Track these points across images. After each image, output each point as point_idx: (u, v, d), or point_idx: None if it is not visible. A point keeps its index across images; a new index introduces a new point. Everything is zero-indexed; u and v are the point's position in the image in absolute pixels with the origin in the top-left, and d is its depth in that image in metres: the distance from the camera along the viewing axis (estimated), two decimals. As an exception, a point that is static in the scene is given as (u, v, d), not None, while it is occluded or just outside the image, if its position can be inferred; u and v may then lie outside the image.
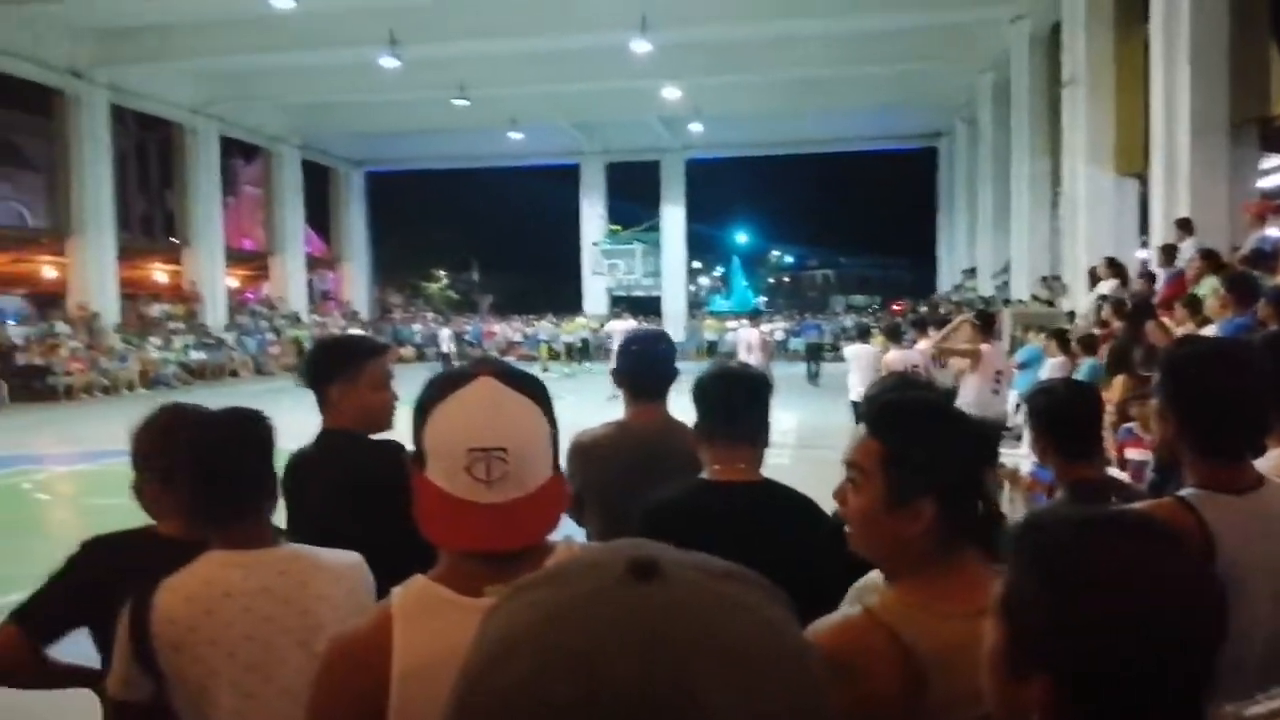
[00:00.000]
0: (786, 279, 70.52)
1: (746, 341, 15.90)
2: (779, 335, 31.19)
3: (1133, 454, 5.22)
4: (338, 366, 2.48)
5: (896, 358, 8.85)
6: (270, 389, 20.75)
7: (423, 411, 1.27)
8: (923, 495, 1.32)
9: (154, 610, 1.64)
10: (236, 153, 33.80)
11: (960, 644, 1.24)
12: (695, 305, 46.78)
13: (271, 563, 1.72)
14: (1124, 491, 2.40)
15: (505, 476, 1.22)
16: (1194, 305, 7.36)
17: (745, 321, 19.80)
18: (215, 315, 25.63)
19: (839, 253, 66.98)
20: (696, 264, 55.93)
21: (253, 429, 1.82)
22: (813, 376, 22.27)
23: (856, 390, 9.63)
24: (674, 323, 32.15)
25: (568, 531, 1.40)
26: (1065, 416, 2.44)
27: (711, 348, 28.18)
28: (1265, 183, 11.70)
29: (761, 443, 2.17)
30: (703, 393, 2.18)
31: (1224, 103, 10.44)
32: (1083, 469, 2.42)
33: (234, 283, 30.54)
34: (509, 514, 1.22)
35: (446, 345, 24.11)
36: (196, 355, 23.49)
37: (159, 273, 29.07)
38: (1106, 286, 10.88)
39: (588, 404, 10.29)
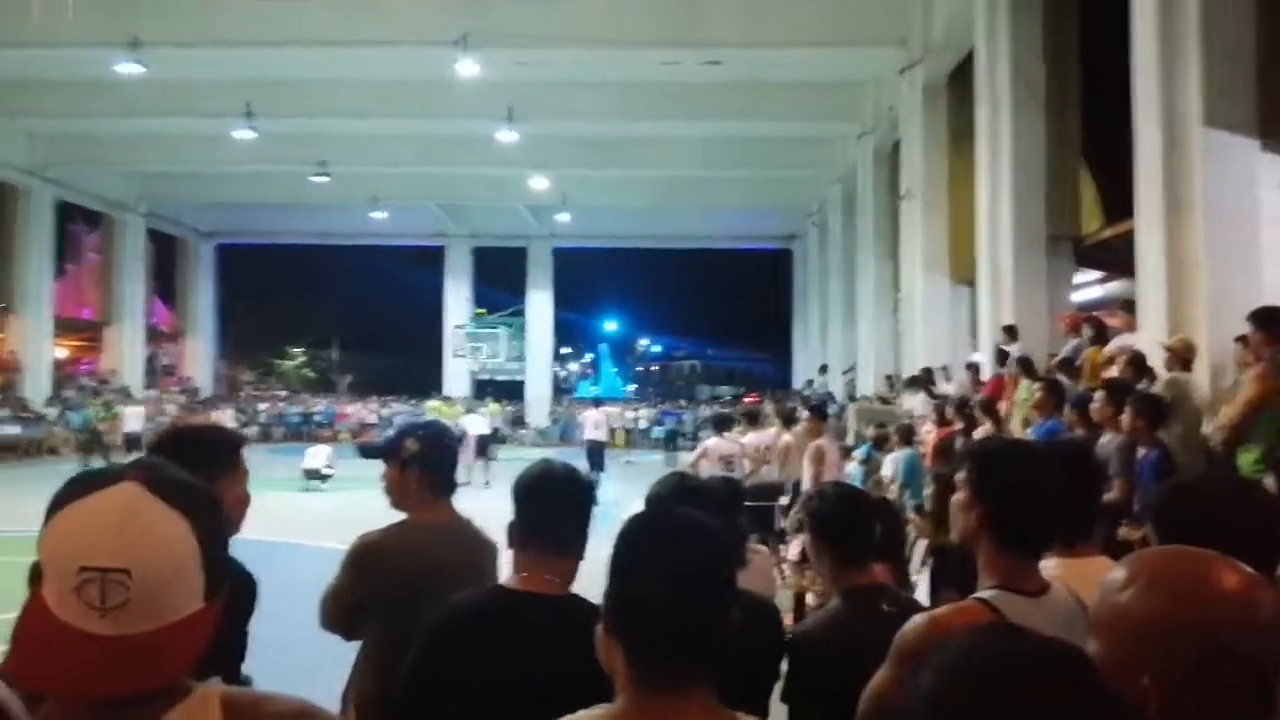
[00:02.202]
0: (655, 368, 71.53)
1: (594, 420, 18.72)
2: (642, 424, 31.44)
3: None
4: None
5: (715, 445, 9.50)
6: (83, 467, 19.17)
7: (48, 516, 1.06)
8: (607, 626, 1.32)
9: None
10: (80, 218, 32.05)
11: None
12: (564, 391, 46.69)
13: None
14: (895, 597, 2.37)
15: (125, 605, 1.00)
16: (989, 409, 7.79)
17: (591, 407, 22.24)
18: (37, 387, 23.76)
19: (706, 344, 68.56)
20: (566, 349, 56.19)
21: None
22: (670, 463, 23.54)
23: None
24: (538, 408, 31.91)
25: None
26: (837, 521, 2.42)
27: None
28: (1079, 295, 12.60)
29: (573, 554, 2.02)
30: (520, 494, 2.04)
31: (1041, 219, 11.22)
32: (854, 574, 2.38)
33: (63, 353, 28.52)
34: (123, 651, 1.00)
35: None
36: (11, 430, 21.56)
37: (-25, 340, 26.85)
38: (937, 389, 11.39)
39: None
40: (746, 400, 30.72)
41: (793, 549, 7.19)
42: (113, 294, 27.77)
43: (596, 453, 18.48)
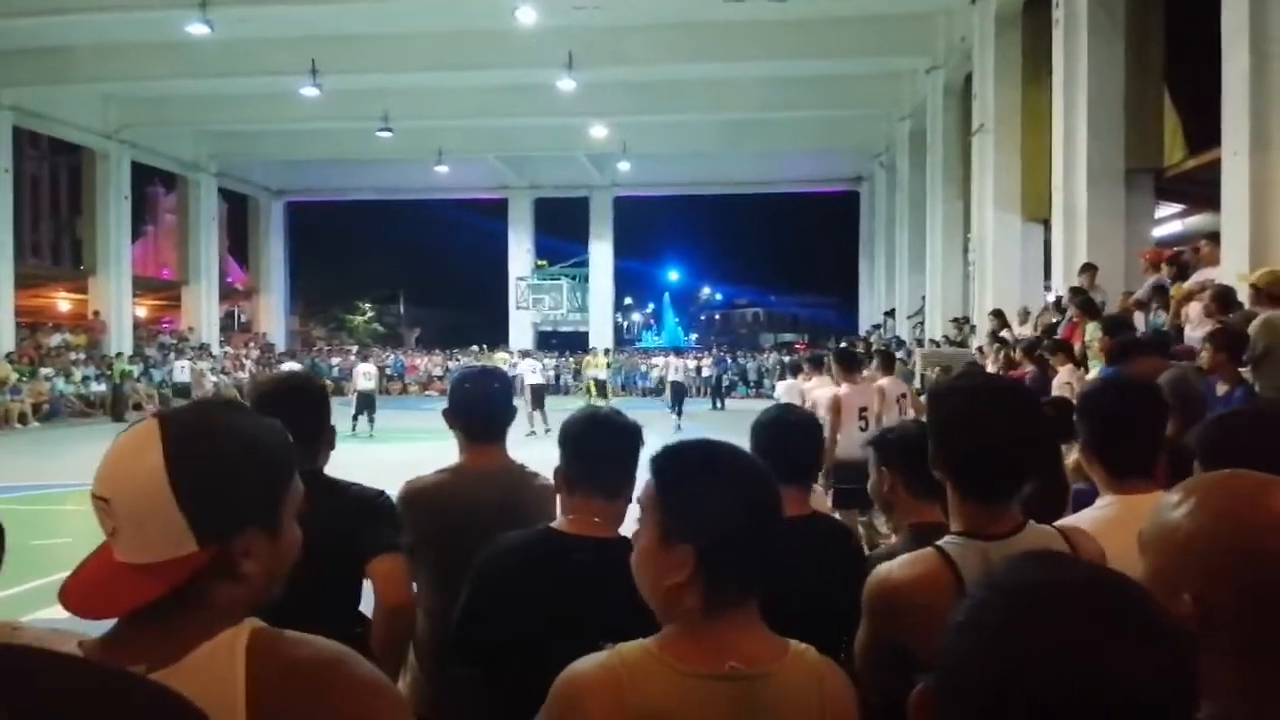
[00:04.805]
0: (717, 316, 71.21)
1: (675, 366, 21.90)
2: (706, 372, 31.41)
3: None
4: None
5: (784, 389, 9.86)
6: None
7: None
8: (686, 539, 1.32)
9: None
10: (157, 180, 33.00)
11: (689, 704, 1.25)
12: (627, 341, 46.87)
13: None
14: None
15: (116, 535, 1.06)
16: (1065, 351, 7.55)
17: (672, 355, 26.18)
18: (121, 345, 24.67)
19: (769, 291, 67.90)
20: (628, 300, 56.26)
21: None
22: (716, 407, 25.99)
23: None
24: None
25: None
26: (905, 451, 2.36)
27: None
28: (1159, 231, 12.11)
29: (622, 497, 2.02)
30: (568, 438, 2.05)
31: (1120, 152, 10.80)
32: (923, 510, 2.34)
33: (143, 312, 29.55)
34: (125, 577, 1.05)
35: (363, 383, 19.85)
36: (97, 387, 22.50)
37: (63, 301, 27.99)
38: (1004, 333, 11.12)
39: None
40: (797, 348, 30.51)
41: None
42: (189, 253, 28.49)
43: (679, 394, 21.00)
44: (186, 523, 1.06)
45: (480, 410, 2.72)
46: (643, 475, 1.89)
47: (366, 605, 2.27)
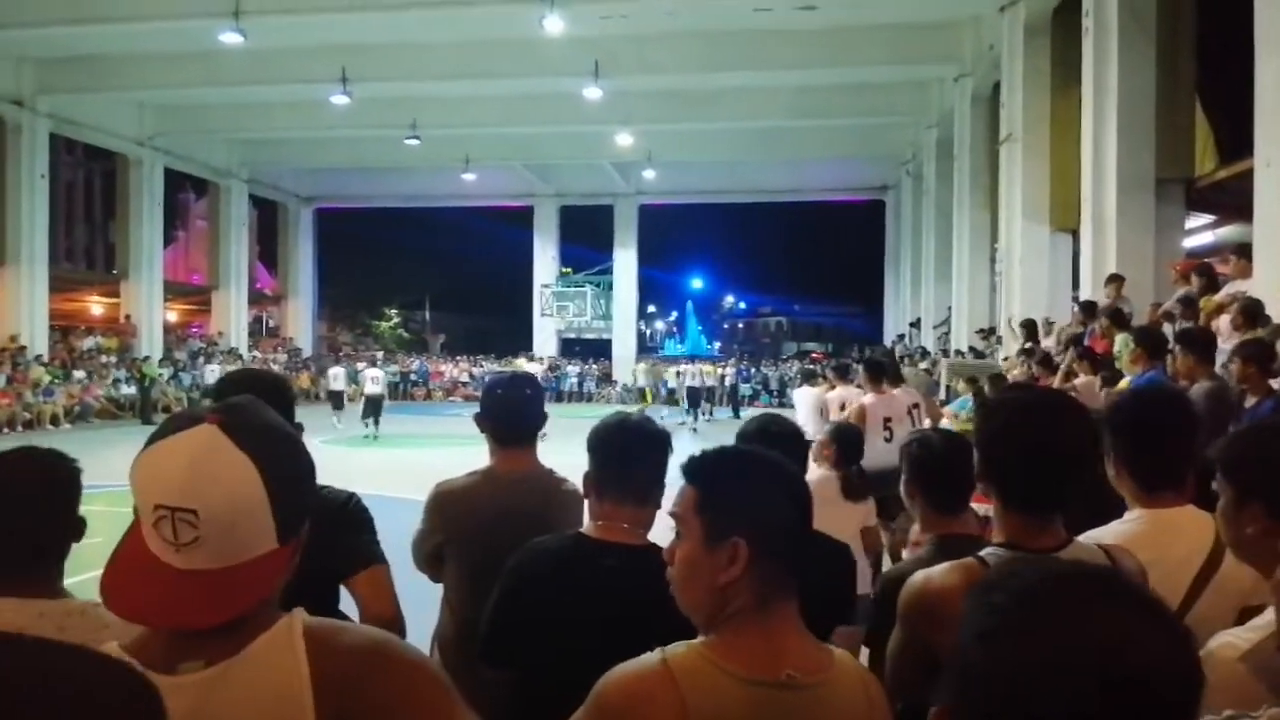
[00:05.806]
0: (741, 325, 71.07)
1: (691, 372, 23.34)
2: (729, 381, 31.36)
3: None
4: None
5: (800, 397, 10.28)
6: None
7: (140, 453, 1.13)
8: (736, 533, 1.31)
9: None
10: (189, 186, 33.45)
11: (743, 710, 1.24)
12: (649, 349, 46.89)
13: (52, 616, 1.56)
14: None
15: (196, 543, 1.05)
16: (1091, 359, 7.47)
17: (687, 362, 27.43)
18: (151, 349, 25.01)
19: (793, 300, 67.68)
20: (651, 308, 56.30)
21: (35, 471, 1.68)
22: (735, 413, 26.28)
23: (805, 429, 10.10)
24: (624, 366, 32.10)
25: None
26: (937, 468, 2.37)
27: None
28: (1188, 241, 11.96)
29: (652, 502, 2.03)
30: (598, 442, 2.06)
31: (1150, 161, 10.67)
32: (949, 523, 2.35)
33: (173, 316, 29.93)
34: (196, 585, 1.06)
35: (370, 387, 19.12)
36: (127, 390, 22.80)
37: (96, 305, 28.41)
38: (1029, 344, 11.05)
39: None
40: (814, 357, 30.34)
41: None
42: (219, 259, 28.85)
43: (696, 398, 22.14)
44: (275, 524, 1.09)
45: (510, 415, 2.74)
46: (672, 486, 1.91)
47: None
